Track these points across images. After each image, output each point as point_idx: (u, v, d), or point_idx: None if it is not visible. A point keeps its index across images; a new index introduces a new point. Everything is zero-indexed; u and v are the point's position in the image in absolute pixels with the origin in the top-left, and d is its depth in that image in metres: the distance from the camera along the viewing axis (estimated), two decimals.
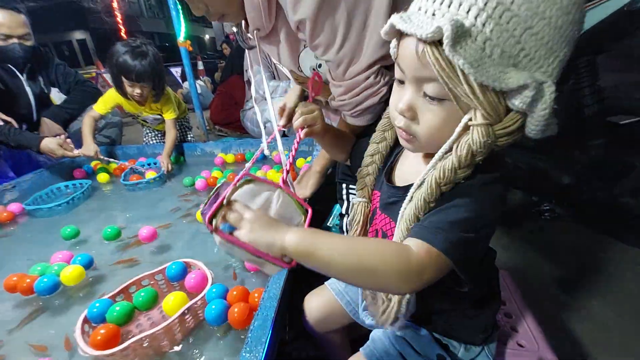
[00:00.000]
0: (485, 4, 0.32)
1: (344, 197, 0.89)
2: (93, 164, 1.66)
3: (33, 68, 1.56)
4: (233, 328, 0.64)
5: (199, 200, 1.25)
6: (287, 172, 0.51)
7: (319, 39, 0.62)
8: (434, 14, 0.34)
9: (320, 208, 1.22)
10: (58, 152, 1.41)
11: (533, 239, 1.31)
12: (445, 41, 0.31)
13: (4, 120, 1.42)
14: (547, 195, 1.45)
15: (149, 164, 1.63)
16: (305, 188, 0.95)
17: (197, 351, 0.62)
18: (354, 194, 0.82)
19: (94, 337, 0.59)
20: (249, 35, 0.75)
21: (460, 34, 0.32)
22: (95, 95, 1.67)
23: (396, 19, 0.36)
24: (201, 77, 4.98)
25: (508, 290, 0.76)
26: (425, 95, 0.37)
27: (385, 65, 0.66)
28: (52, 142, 1.40)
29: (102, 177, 1.52)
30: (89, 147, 1.50)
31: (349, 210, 0.73)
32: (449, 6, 0.33)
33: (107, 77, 3.97)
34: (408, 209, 0.41)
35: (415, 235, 0.37)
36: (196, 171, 1.52)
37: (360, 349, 0.54)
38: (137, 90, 1.53)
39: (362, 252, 0.35)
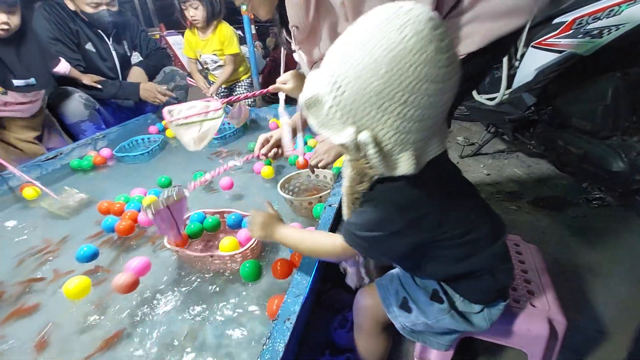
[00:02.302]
0: (331, 82, 0.40)
1: None
2: (164, 122, 1.89)
3: (118, 32, 1.76)
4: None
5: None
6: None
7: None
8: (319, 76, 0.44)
9: None
10: (159, 97, 1.66)
11: (574, 225, 1.31)
12: (303, 105, 0.43)
13: (89, 85, 1.66)
14: (598, 182, 1.41)
15: None
16: (321, 158, 1.03)
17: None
18: None
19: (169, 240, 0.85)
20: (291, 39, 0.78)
21: (313, 101, 0.42)
22: (169, 60, 1.87)
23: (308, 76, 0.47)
24: (254, 41, 5.08)
25: (532, 262, 0.82)
26: None
27: None
28: (152, 88, 1.64)
29: (169, 132, 1.75)
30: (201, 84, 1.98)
31: None
32: (319, 79, 0.42)
33: (170, 39, 4.22)
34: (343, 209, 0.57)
35: (341, 232, 0.56)
36: (254, 134, 1.70)
37: (376, 279, 0.66)
38: (192, 13, 1.79)
39: (312, 246, 0.60)
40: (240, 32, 4.21)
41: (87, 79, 1.60)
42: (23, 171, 1.28)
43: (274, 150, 0.99)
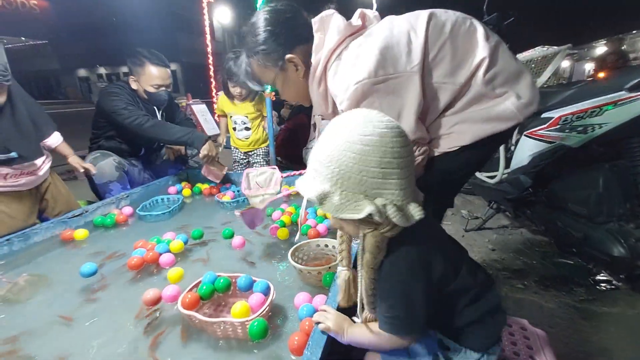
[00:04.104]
0: (333, 176, 0.53)
1: None
2: (183, 184, 2.01)
3: (165, 107, 2.00)
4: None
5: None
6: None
7: None
8: (313, 179, 0.57)
9: None
10: (214, 158, 1.82)
11: (583, 307, 1.30)
12: (316, 202, 0.55)
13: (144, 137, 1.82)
14: (602, 265, 1.43)
15: (227, 188, 1.93)
16: None
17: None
18: None
19: (183, 300, 0.86)
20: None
21: (323, 196, 0.54)
22: (195, 131, 2.07)
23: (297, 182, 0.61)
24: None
25: (541, 348, 0.82)
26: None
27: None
28: (215, 149, 1.80)
29: (186, 192, 1.86)
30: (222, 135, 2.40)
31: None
32: (319, 175, 0.55)
33: (195, 108, 4.62)
34: (363, 282, 0.63)
35: (379, 326, 0.62)
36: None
37: None
38: (238, 90, 2.12)
39: (372, 345, 0.65)
40: None
41: (76, 160, 1.68)
42: (50, 227, 1.36)
43: None
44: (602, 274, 1.46)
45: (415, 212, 0.54)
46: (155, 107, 1.93)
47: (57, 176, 1.70)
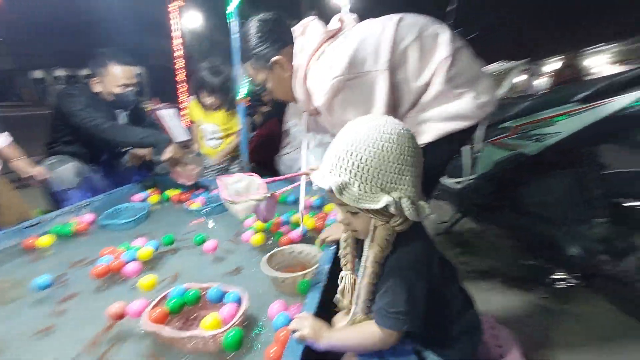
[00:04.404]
0: (353, 168, 0.58)
1: None
2: (149, 190, 1.92)
3: (132, 109, 1.91)
4: None
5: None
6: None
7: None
8: (331, 172, 0.61)
9: None
10: (179, 164, 1.75)
11: (545, 304, 1.37)
12: (335, 192, 0.58)
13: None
14: (559, 264, 1.52)
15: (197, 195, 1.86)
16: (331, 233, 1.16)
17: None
18: None
19: (149, 315, 0.82)
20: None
21: (343, 186, 0.58)
22: (160, 133, 1.98)
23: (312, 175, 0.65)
24: None
25: (508, 344, 0.85)
26: (347, 211, 0.64)
27: None
28: (182, 154, 1.74)
29: (153, 198, 1.78)
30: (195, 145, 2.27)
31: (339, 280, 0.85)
32: (337, 168, 0.60)
33: (161, 113, 4.43)
34: (366, 278, 0.65)
35: (377, 322, 0.62)
36: None
37: None
38: (210, 100, 2.04)
39: (358, 346, 0.66)
40: None
41: (21, 164, 1.57)
42: (2, 236, 1.25)
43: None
44: (564, 274, 1.55)
45: (425, 207, 0.59)
46: (117, 111, 1.84)
47: (7, 183, 1.56)
